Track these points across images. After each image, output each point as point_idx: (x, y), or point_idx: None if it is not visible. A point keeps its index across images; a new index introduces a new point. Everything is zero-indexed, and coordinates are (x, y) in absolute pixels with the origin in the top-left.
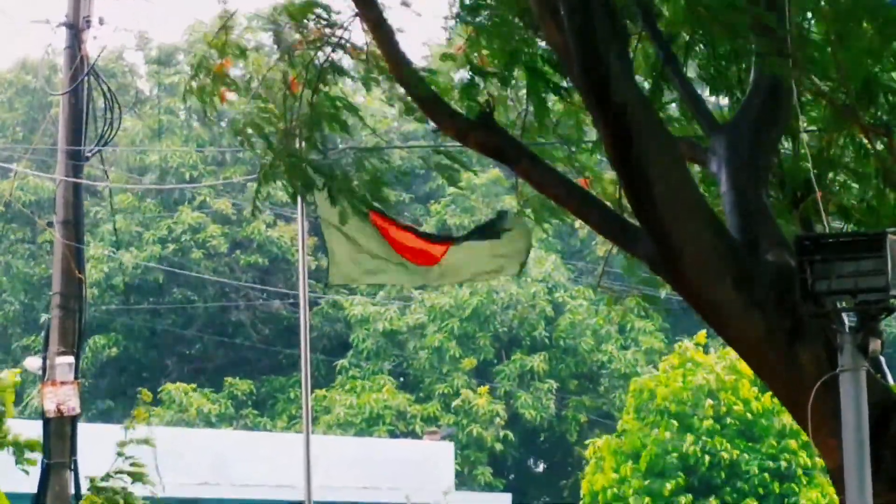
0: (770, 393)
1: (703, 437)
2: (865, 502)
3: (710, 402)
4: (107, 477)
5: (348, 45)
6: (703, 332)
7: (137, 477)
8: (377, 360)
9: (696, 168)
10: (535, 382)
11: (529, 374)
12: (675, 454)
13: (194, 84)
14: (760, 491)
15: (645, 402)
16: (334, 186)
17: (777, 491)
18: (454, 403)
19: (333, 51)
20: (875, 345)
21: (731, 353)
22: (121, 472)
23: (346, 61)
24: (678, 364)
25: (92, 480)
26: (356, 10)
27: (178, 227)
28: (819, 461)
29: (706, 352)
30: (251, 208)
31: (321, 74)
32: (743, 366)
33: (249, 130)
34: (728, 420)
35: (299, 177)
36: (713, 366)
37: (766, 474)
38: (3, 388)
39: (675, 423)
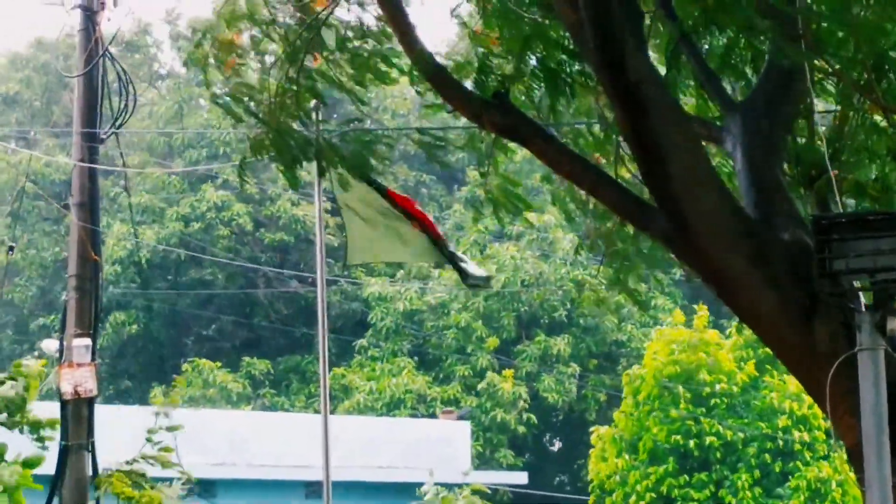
0: (753, 362)
1: (687, 422)
2: (884, 480)
3: (683, 390)
4: (132, 462)
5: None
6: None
7: (166, 464)
8: (396, 340)
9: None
10: (558, 365)
11: (554, 357)
12: (665, 444)
13: (200, 51)
14: (757, 474)
15: (637, 390)
16: (323, 158)
17: (777, 469)
18: (479, 386)
19: (322, 24)
20: (893, 324)
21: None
22: (146, 456)
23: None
24: (661, 349)
25: (117, 470)
26: None
27: (201, 204)
28: (820, 434)
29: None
30: (240, 184)
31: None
32: (711, 338)
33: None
34: (714, 400)
35: (286, 150)
36: (679, 346)
37: (768, 455)
38: (28, 374)
39: (659, 413)
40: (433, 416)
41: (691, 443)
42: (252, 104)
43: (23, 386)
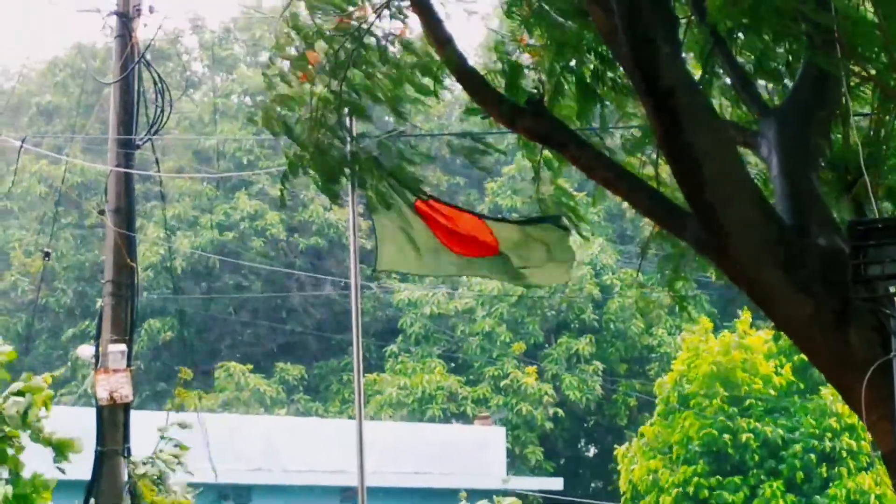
0: (789, 366)
1: (721, 419)
2: None
3: (720, 388)
4: (149, 460)
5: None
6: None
7: (171, 463)
8: (426, 345)
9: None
10: (580, 365)
11: (576, 356)
12: (697, 442)
13: (273, 69)
14: (800, 476)
15: (668, 399)
16: (360, 173)
17: (824, 474)
18: (503, 383)
19: (363, 37)
20: None
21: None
22: (160, 454)
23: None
24: (689, 357)
25: (133, 465)
26: None
27: (235, 213)
28: (865, 445)
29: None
30: (281, 197)
31: (343, 61)
32: (753, 342)
33: (277, 112)
34: (749, 400)
35: (324, 167)
36: (714, 349)
37: (813, 455)
38: (35, 390)
39: (691, 412)
40: (464, 413)
41: (725, 437)
42: (290, 116)
43: (27, 403)
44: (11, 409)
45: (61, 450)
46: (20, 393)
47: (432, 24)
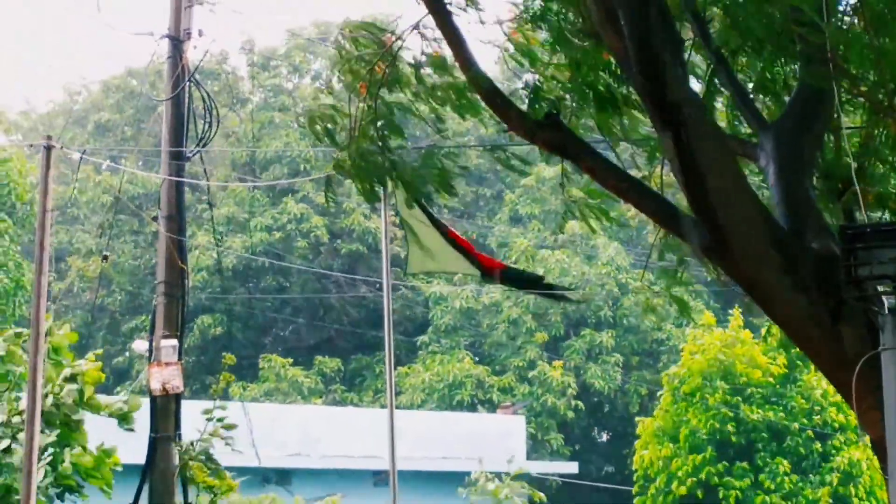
0: (784, 358)
1: (723, 410)
2: None
3: (721, 383)
4: (198, 442)
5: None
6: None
7: (228, 440)
8: (455, 336)
9: None
10: (602, 356)
11: (598, 348)
12: (704, 432)
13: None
14: (801, 451)
15: (676, 388)
16: (405, 185)
17: (819, 449)
18: (531, 374)
19: (394, 61)
20: None
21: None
22: (213, 434)
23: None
24: (695, 351)
25: (184, 449)
26: (427, 11)
27: (282, 216)
28: (852, 421)
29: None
30: (325, 200)
31: (382, 80)
32: (747, 336)
33: (318, 126)
34: (749, 390)
35: (367, 177)
36: (717, 345)
37: (811, 432)
38: (85, 374)
39: (699, 405)
40: (490, 401)
41: (729, 427)
42: (334, 126)
43: (79, 389)
44: (68, 398)
45: (124, 418)
46: (72, 378)
47: (458, 47)
